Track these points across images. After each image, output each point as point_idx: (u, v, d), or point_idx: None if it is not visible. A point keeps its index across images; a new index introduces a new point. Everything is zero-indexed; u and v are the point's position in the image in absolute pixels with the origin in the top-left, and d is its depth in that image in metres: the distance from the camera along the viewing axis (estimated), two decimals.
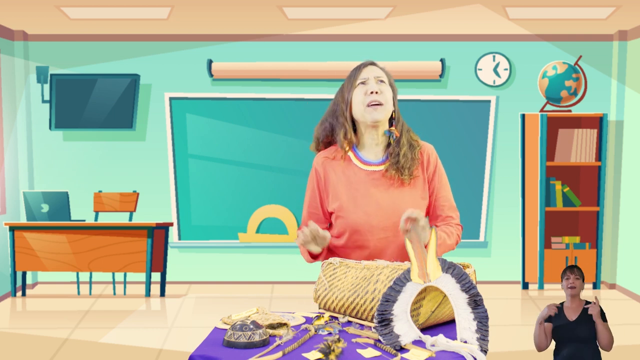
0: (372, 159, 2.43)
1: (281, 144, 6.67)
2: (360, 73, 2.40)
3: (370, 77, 2.38)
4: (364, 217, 2.36)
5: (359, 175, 2.40)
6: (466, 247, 6.75)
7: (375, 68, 2.42)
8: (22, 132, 6.61)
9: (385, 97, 2.36)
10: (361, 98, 2.37)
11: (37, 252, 6.17)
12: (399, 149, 2.38)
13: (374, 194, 2.38)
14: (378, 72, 2.40)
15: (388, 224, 2.34)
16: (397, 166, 2.36)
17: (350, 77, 2.43)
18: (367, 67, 2.41)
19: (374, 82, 2.37)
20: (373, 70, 2.40)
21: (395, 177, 2.37)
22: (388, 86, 2.40)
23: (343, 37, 6.60)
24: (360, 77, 2.39)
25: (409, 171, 2.37)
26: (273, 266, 6.79)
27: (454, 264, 1.94)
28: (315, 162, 2.48)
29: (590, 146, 6.48)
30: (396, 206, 2.34)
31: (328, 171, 2.44)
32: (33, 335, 5.10)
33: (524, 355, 4.58)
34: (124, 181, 6.70)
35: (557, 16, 5.89)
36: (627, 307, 6.03)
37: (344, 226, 2.39)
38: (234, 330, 1.89)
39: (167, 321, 5.55)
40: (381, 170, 2.40)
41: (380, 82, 2.38)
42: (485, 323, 1.87)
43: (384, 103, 2.36)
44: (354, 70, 2.43)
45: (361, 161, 2.43)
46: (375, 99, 2.34)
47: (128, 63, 6.62)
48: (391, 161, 2.38)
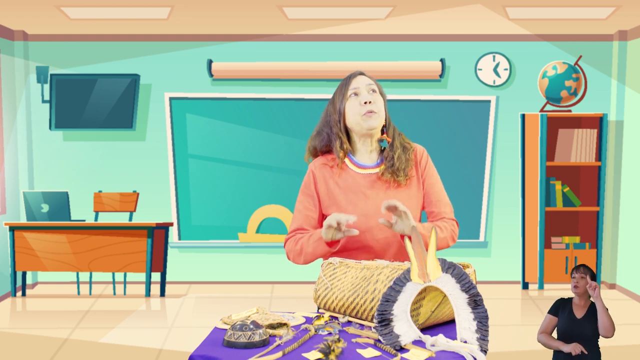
0: (368, 163, 2.48)
1: (281, 144, 6.67)
2: (351, 83, 2.45)
3: (362, 87, 2.43)
4: (362, 219, 2.38)
5: (356, 179, 2.45)
6: (466, 247, 6.75)
7: (365, 77, 2.47)
8: (22, 132, 6.61)
9: (378, 106, 2.42)
10: (356, 109, 2.41)
11: (37, 252, 6.17)
12: (392, 153, 2.44)
13: (371, 196, 2.42)
14: (369, 81, 2.45)
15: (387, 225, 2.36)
16: (393, 169, 2.42)
17: (342, 87, 2.47)
18: (358, 77, 2.46)
19: (366, 91, 2.42)
20: (364, 80, 2.45)
21: (391, 180, 2.42)
22: (379, 95, 2.46)
23: (343, 37, 6.60)
24: (352, 87, 2.44)
25: (404, 172, 2.42)
26: (273, 266, 6.80)
27: (454, 264, 1.94)
28: (313, 166, 2.52)
29: (590, 146, 6.48)
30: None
31: (325, 176, 2.48)
32: (33, 335, 5.10)
33: (524, 355, 4.58)
34: (124, 181, 6.70)
35: (557, 16, 5.89)
36: (627, 307, 6.03)
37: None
38: (234, 330, 1.89)
39: (167, 321, 5.55)
40: (377, 172, 2.45)
41: (372, 91, 2.43)
42: (485, 323, 1.87)
43: (378, 112, 2.41)
44: (344, 81, 2.48)
45: (357, 165, 2.47)
46: (369, 109, 2.39)
47: (128, 63, 6.63)
48: (386, 165, 2.43)
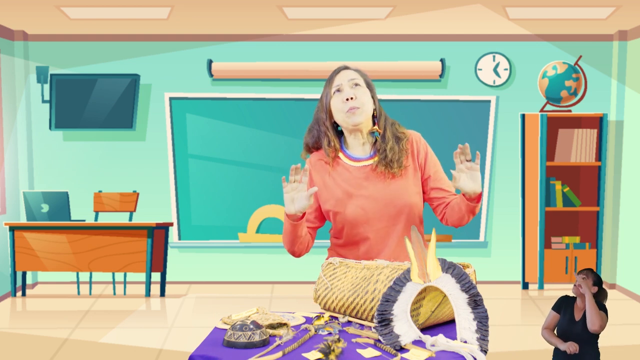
0: (361, 155, 2.48)
1: (281, 144, 6.67)
2: (334, 80, 2.45)
3: (344, 83, 2.43)
4: (359, 210, 2.41)
5: (351, 171, 2.46)
6: (466, 247, 6.75)
7: (348, 72, 2.46)
8: (22, 132, 6.61)
9: (361, 101, 2.41)
10: (340, 106, 2.42)
11: (37, 252, 6.17)
12: (385, 145, 2.44)
13: (367, 187, 2.43)
14: (351, 75, 2.45)
15: (384, 215, 2.41)
16: (386, 161, 2.42)
17: (327, 84, 2.48)
18: (340, 73, 2.46)
19: (348, 87, 2.42)
20: (346, 75, 2.45)
21: (385, 172, 2.42)
22: (364, 87, 2.44)
23: (343, 37, 6.60)
24: (335, 84, 2.44)
25: (397, 163, 2.42)
26: (273, 266, 6.80)
27: (454, 264, 1.94)
28: (309, 161, 2.53)
29: (590, 146, 6.48)
30: (390, 197, 2.41)
31: (321, 171, 2.49)
32: (33, 335, 5.10)
33: (524, 355, 4.58)
34: (124, 181, 6.70)
35: (557, 16, 5.89)
36: (627, 307, 6.03)
37: (341, 221, 2.44)
38: (234, 330, 1.89)
39: (167, 321, 5.55)
40: (371, 164, 2.46)
41: (355, 85, 2.42)
42: (485, 323, 1.87)
43: (360, 107, 2.40)
44: (329, 77, 2.49)
45: (351, 159, 2.48)
46: (351, 105, 2.39)
47: (128, 63, 6.62)
48: (379, 157, 2.43)
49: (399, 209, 2.41)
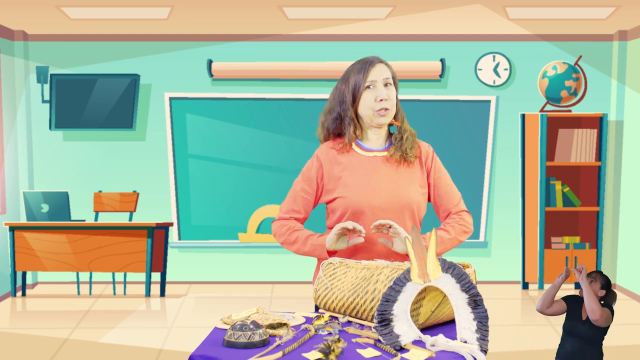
0: (375, 147, 2.51)
1: (281, 144, 6.67)
2: (369, 74, 2.41)
3: (379, 80, 2.41)
4: (365, 197, 2.41)
5: (361, 161, 2.47)
6: (466, 247, 6.75)
7: (383, 68, 2.43)
8: (22, 132, 6.61)
9: (392, 102, 2.43)
10: (371, 103, 2.41)
11: (37, 252, 6.17)
12: (401, 135, 2.48)
13: (374, 177, 2.45)
14: (386, 73, 2.43)
15: (388, 206, 2.42)
16: (402, 149, 2.45)
17: (359, 71, 2.42)
18: (376, 67, 2.42)
19: (382, 85, 2.41)
20: (382, 72, 2.42)
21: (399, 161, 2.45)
22: (393, 87, 2.46)
23: (343, 37, 6.60)
24: (369, 79, 2.41)
25: (411, 152, 2.46)
26: (273, 266, 6.80)
27: (454, 264, 1.94)
28: (319, 151, 2.53)
29: (590, 146, 6.48)
30: (397, 189, 2.43)
31: (332, 162, 2.49)
32: (33, 335, 5.10)
33: (524, 355, 4.58)
34: (124, 181, 6.70)
35: (557, 16, 5.89)
36: (627, 307, 6.03)
37: (345, 207, 2.43)
38: (234, 330, 1.89)
39: (167, 321, 5.55)
40: (384, 155, 2.48)
41: (388, 85, 2.43)
42: (485, 323, 1.87)
43: (390, 108, 2.43)
44: (362, 65, 2.43)
45: (363, 149, 2.50)
46: (384, 106, 2.41)
47: (128, 63, 6.62)
48: (395, 145, 2.46)
49: (403, 205, 2.42)
